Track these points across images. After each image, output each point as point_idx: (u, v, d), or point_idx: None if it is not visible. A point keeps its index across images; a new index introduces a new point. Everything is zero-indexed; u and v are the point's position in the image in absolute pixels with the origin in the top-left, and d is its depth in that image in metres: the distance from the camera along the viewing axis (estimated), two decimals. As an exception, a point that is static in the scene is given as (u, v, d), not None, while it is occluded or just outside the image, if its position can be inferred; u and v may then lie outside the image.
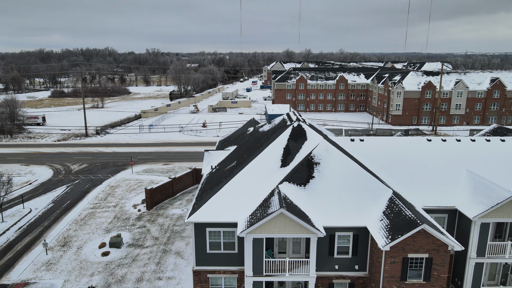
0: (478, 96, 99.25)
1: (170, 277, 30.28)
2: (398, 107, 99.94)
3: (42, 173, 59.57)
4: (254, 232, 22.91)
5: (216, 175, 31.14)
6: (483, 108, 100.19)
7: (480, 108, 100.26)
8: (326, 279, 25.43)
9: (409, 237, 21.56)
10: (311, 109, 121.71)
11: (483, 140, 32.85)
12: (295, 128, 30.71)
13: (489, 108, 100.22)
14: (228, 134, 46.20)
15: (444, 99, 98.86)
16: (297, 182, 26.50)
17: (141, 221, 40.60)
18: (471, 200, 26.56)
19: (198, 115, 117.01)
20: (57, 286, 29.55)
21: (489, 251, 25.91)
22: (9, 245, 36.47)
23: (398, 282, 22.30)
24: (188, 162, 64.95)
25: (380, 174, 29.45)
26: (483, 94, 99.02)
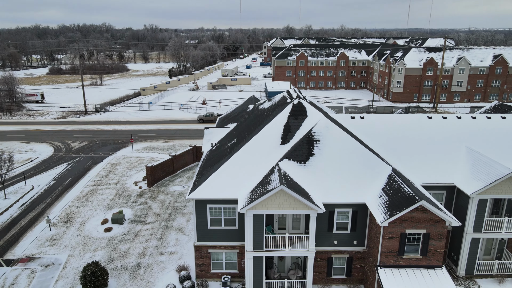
0: (480, 72, 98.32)
1: (172, 252, 30.86)
2: (399, 84, 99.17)
3: (42, 151, 59.74)
4: (255, 208, 23.19)
5: (216, 153, 31.25)
6: (485, 85, 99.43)
7: (482, 85, 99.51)
8: (325, 254, 25.94)
9: (408, 213, 21.84)
10: (311, 86, 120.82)
11: (483, 117, 32.79)
12: (295, 106, 30.58)
13: (490, 85, 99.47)
14: (228, 112, 46.05)
15: (446, 76, 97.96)
16: (297, 159, 26.62)
17: (142, 198, 41.03)
18: (470, 176, 26.76)
19: (198, 92, 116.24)
20: (62, 260, 30.15)
21: (486, 226, 26.33)
22: (12, 221, 36.97)
23: (395, 257, 22.76)
24: (188, 140, 65.01)
25: (380, 151, 29.56)
26: (485, 70, 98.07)
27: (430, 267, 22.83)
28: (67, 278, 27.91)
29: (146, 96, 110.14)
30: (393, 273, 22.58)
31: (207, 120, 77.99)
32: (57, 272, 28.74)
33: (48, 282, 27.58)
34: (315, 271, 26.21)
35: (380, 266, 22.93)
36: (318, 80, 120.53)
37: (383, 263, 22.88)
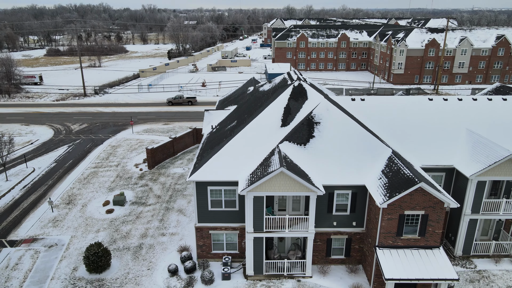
0: (483, 54, 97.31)
1: (173, 233, 31.25)
2: (400, 66, 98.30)
3: (42, 133, 59.72)
4: (255, 190, 23.36)
5: (216, 135, 31.26)
6: (487, 67, 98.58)
7: (484, 67, 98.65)
8: (325, 235, 26.29)
9: (407, 195, 22.02)
10: (312, 68, 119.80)
11: (484, 99, 32.65)
12: (296, 88, 30.41)
13: (492, 67, 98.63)
14: (228, 94, 45.82)
15: (448, 57, 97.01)
16: (297, 142, 26.66)
17: (143, 180, 41.27)
18: (469, 159, 26.87)
19: (197, 74, 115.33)
20: (65, 241, 30.57)
21: (484, 208, 26.59)
22: (15, 202, 37.30)
23: (394, 238, 23.07)
24: (188, 122, 64.93)
25: (380, 133, 29.57)
26: (487, 52, 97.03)
27: (428, 247, 23.18)
28: (70, 259, 28.36)
29: (145, 78, 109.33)
30: (391, 253, 22.94)
31: (176, 103, 77.11)
32: (60, 252, 29.18)
33: (52, 262, 28.04)
34: (315, 252, 26.61)
35: (378, 247, 23.27)
36: (318, 61, 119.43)
37: (382, 244, 23.22)
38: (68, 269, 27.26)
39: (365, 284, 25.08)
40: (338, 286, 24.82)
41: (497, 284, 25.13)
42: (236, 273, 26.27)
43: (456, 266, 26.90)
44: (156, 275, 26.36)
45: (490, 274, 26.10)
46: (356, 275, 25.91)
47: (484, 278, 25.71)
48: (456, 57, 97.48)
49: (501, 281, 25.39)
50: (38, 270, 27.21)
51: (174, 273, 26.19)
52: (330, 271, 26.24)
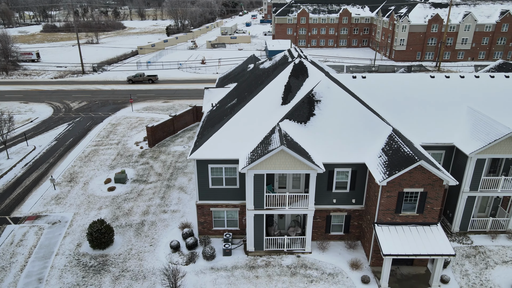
0: (486, 29, 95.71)
1: (175, 210, 31.65)
2: (402, 42, 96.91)
3: (42, 111, 59.52)
4: (255, 168, 23.50)
5: (217, 113, 31.16)
6: (490, 43, 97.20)
7: (487, 43, 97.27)
8: (324, 212, 26.63)
9: (406, 173, 22.17)
10: (313, 45, 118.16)
11: (487, 77, 32.36)
12: (297, 65, 30.09)
13: (496, 43, 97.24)
14: (228, 71, 45.37)
15: (451, 33, 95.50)
16: (298, 120, 26.61)
17: (144, 158, 41.45)
18: (470, 136, 26.89)
19: (197, 51, 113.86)
20: (68, 218, 30.99)
21: (482, 185, 26.82)
22: (17, 180, 37.59)
23: (392, 215, 23.38)
24: (188, 100, 64.60)
25: (381, 111, 29.48)
26: (491, 27, 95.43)
27: (426, 224, 23.53)
28: (74, 235, 28.83)
29: (144, 55, 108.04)
30: (390, 230, 23.30)
31: (136, 81, 76.28)
32: (64, 229, 29.64)
33: (56, 239, 28.52)
34: (314, 228, 27.03)
35: (377, 223, 23.63)
36: (319, 38, 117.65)
37: (380, 221, 23.56)
38: (72, 245, 27.76)
39: (363, 259, 25.61)
40: (337, 262, 25.34)
41: (492, 259, 25.65)
42: (237, 249, 26.78)
43: (453, 242, 27.39)
44: (158, 251, 26.87)
45: (486, 249, 26.61)
46: (354, 251, 26.42)
47: (480, 253, 26.23)
48: (459, 33, 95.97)
49: (497, 256, 25.90)
50: (43, 246, 27.72)
51: (176, 249, 26.70)
52: (329, 247, 26.73)
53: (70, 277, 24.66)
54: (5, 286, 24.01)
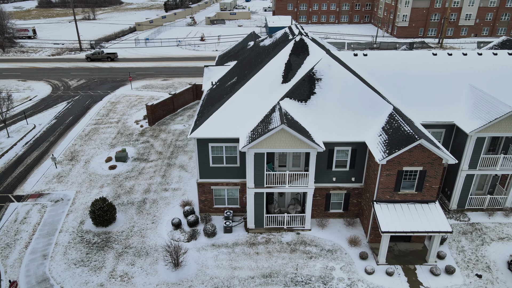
0: (490, 5, 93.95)
1: (176, 188, 31.95)
2: (405, 18, 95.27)
3: (40, 89, 59.14)
4: (256, 147, 23.58)
5: (217, 91, 30.99)
6: (494, 19, 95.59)
7: (491, 19, 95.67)
8: (324, 190, 26.90)
9: (406, 152, 22.26)
10: (314, 21, 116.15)
11: (490, 54, 31.99)
12: (297, 43, 29.68)
13: (499, 19, 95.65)
14: (227, 49, 44.80)
15: (454, 8, 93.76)
16: (298, 98, 26.48)
17: (144, 137, 41.49)
18: (471, 115, 26.85)
19: (196, 28, 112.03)
20: (70, 196, 31.33)
21: (481, 163, 26.97)
22: (18, 159, 37.76)
23: (391, 193, 23.63)
24: (188, 78, 64.08)
25: (382, 89, 29.33)
26: (495, 2, 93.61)
27: (424, 202, 23.82)
28: (77, 213, 29.22)
29: (142, 32, 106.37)
30: (388, 207, 23.61)
31: (95, 59, 75.71)
32: (66, 207, 30.00)
33: (59, 216, 28.92)
34: (314, 206, 27.37)
35: (376, 201, 23.91)
36: (320, 14, 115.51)
37: (379, 199, 23.84)
38: (75, 222, 28.18)
39: (362, 236, 26.06)
40: (336, 238, 25.80)
41: (489, 236, 26.11)
42: (237, 226, 27.20)
43: (450, 219, 27.79)
44: (160, 228, 27.31)
45: (483, 226, 27.04)
46: (353, 228, 26.85)
47: (477, 230, 26.67)
48: (463, 9, 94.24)
49: (493, 233, 26.36)
50: (46, 224, 28.14)
51: (178, 227, 27.12)
52: (329, 225, 27.15)
53: (74, 253, 25.16)
54: (11, 262, 24.53)
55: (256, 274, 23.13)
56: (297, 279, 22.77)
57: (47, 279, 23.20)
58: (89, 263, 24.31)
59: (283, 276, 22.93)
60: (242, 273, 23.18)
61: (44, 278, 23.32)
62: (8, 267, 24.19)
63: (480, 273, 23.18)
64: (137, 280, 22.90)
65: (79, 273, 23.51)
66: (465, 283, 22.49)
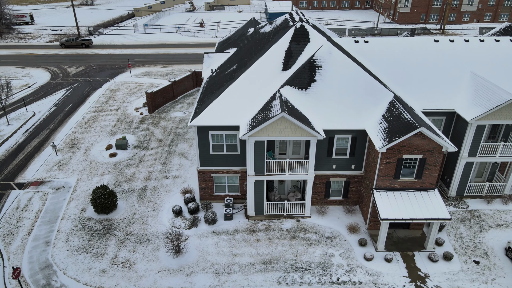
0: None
1: (176, 176, 32.07)
2: (406, 3, 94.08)
3: (39, 76, 58.81)
4: (256, 135, 23.58)
5: (217, 79, 30.83)
6: (497, 4, 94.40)
7: (494, 4, 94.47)
8: (324, 178, 27.01)
9: (406, 140, 22.28)
10: (314, 7, 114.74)
11: (492, 41, 31.72)
12: (298, 30, 29.39)
13: (503, 4, 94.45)
14: (227, 36, 44.38)
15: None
16: (299, 86, 26.37)
17: (144, 124, 41.45)
18: (471, 102, 26.78)
19: (195, 13, 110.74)
20: (71, 184, 31.48)
21: (481, 151, 27.02)
22: (18, 146, 37.80)
23: (391, 180, 23.74)
24: (187, 65, 63.66)
25: (383, 76, 29.18)
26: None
27: (424, 189, 23.94)
28: (78, 200, 29.40)
29: (141, 18, 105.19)
30: (388, 195, 23.74)
31: (69, 45, 75.33)
32: (68, 194, 30.18)
33: (60, 204, 29.11)
34: (314, 193, 27.53)
35: (376, 189, 24.03)
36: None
37: (379, 186, 23.95)
38: (76, 210, 28.38)
39: (361, 223, 26.29)
40: (335, 225, 26.03)
41: (487, 223, 26.34)
42: (238, 213, 27.41)
43: (449, 206, 27.99)
44: (161, 215, 27.52)
45: (481, 213, 27.25)
46: (353, 215, 27.06)
47: (475, 217, 26.89)
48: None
49: (492, 220, 26.58)
50: (48, 211, 28.35)
51: (179, 214, 27.33)
52: (328, 212, 27.36)
53: (77, 240, 25.42)
54: (14, 249, 24.80)
55: (257, 260, 23.41)
56: (297, 265, 23.06)
57: (50, 266, 23.50)
58: (91, 250, 24.58)
59: (283, 263, 23.22)
60: (243, 260, 23.46)
61: (47, 264, 23.61)
62: (11, 254, 24.47)
63: (477, 259, 23.46)
64: (139, 267, 23.19)
65: (81, 260, 23.79)
66: (463, 269, 22.78)
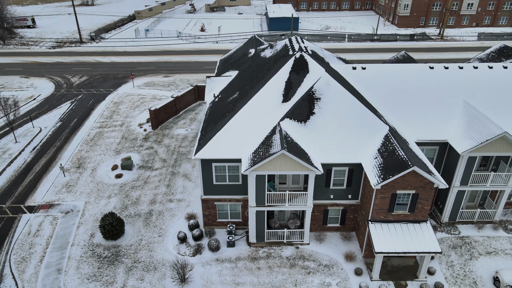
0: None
1: (180, 199, 33.34)
2: (406, 7, 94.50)
3: (44, 87, 59.83)
4: (257, 170, 24.77)
5: (219, 106, 31.91)
6: (496, 7, 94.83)
7: (493, 8, 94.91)
8: (322, 206, 28.27)
9: (400, 177, 23.46)
10: (314, 8, 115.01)
11: (485, 68, 32.72)
12: (297, 60, 30.40)
13: (502, 8, 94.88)
14: (229, 53, 45.30)
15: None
16: (298, 119, 27.47)
17: (148, 142, 42.60)
18: (463, 134, 27.90)
19: (196, 15, 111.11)
20: (80, 207, 32.76)
21: (472, 180, 28.23)
22: (27, 166, 39.02)
23: (385, 213, 24.99)
24: (189, 74, 64.61)
25: (379, 105, 30.27)
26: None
27: (416, 221, 25.20)
28: (87, 225, 30.71)
29: (142, 20, 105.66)
30: (382, 227, 25.02)
31: None
32: (76, 219, 31.48)
33: (70, 229, 30.43)
34: (312, 221, 28.81)
35: (371, 221, 25.30)
36: (321, 0, 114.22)
37: (374, 219, 25.21)
38: (85, 235, 29.70)
39: (357, 251, 27.61)
40: (332, 253, 27.36)
41: (477, 250, 27.65)
42: (240, 240, 28.72)
43: (441, 232, 29.27)
44: (167, 241, 28.84)
45: (472, 240, 28.54)
46: (349, 242, 28.37)
47: (466, 244, 28.18)
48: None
49: (482, 247, 27.88)
50: (59, 237, 29.67)
51: (183, 240, 28.65)
52: (326, 238, 28.66)
53: (87, 267, 26.77)
54: (27, 277, 26.17)
55: (258, 289, 24.78)
56: (296, 294, 24.42)
57: (62, 294, 24.87)
58: (101, 278, 25.94)
59: (283, 291, 24.57)
60: (245, 288, 24.83)
61: (60, 293, 24.99)
62: (25, 282, 25.85)
63: (467, 288, 24.82)
64: (147, 295, 24.55)
65: (92, 288, 25.17)
66: (453, 298, 24.14)
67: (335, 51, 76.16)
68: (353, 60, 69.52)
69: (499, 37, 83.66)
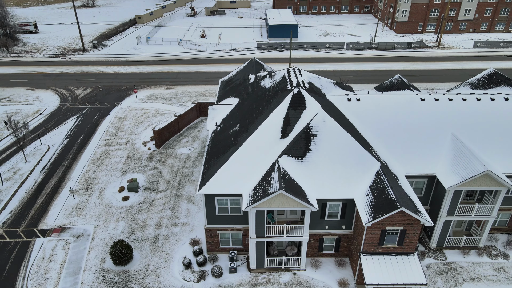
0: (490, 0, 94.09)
1: (184, 223, 35.36)
2: (404, 13, 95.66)
3: (49, 100, 61.52)
4: (257, 207, 26.72)
5: (221, 137, 33.72)
6: (493, 14, 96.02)
7: (490, 14, 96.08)
8: (317, 236, 30.30)
9: (389, 216, 25.44)
10: (314, 11, 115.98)
11: (473, 100, 34.48)
12: (295, 96, 32.16)
13: (499, 14, 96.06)
14: (230, 76, 46.95)
15: (454, 3, 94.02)
16: (295, 155, 29.35)
17: (152, 162, 44.50)
18: (450, 169, 29.81)
19: (196, 20, 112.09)
20: (90, 231, 34.80)
21: (458, 211, 30.23)
22: (38, 187, 40.95)
23: (376, 246, 27.03)
24: (190, 86, 66.23)
25: (371, 138, 32.13)
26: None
27: (404, 254, 27.26)
28: (97, 250, 32.77)
29: (143, 25, 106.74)
30: (373, 259, 27.08)
31: None
32: (87, 243, 33.53)
33: (81, 253, 32.50)
34: (308, 248, 30.87)
35: (362, 253, 27.35)
36: (320, 4, 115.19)
37: (365, 251, 27.26)
38: (96, 260, 31.77)
39: (350, 277, 29.71)
40: (327, 279, 29.47)
41: (462, 276, 29.76)
42: (241, 266, 30.81)
43: (429, 258, 31.36)
44: (172, 267, 30.93)
45: (457, 266, 30.64)
46: (343, 268, 30.46)
47: (452, 270, 30.29)
48: (462, 3, 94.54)
49: (466, 273, 29.99)
50: (71, 262, 31.74)
51: (188, 266, 30.74)
52: (321, 264, 30.75)
53: (99, 294, 28.90)
54: (45, 303, 28.29)
55: (258, 316, 26.90)
56: (293, 321, 26.55)
57: (78, 321, 27.00)
58: (113, 304, 28.07)
59: (281, 318, 26.70)
60: (246, 315, 26.95)
61: (76, 319, 27.12)
62: (43, 308, 27.98)
63: (450, 314, 26.95)
64: (156, 322, 26.67)
65: (105, 315, 27.28)
66: (436, 325, 26.27)
67: (333, 60, 77.67)
68: (351, 71, 71.12)
69: (495, 45, 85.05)
